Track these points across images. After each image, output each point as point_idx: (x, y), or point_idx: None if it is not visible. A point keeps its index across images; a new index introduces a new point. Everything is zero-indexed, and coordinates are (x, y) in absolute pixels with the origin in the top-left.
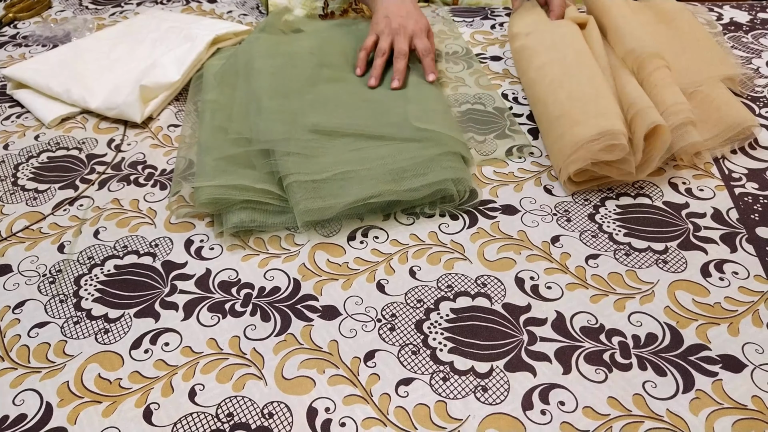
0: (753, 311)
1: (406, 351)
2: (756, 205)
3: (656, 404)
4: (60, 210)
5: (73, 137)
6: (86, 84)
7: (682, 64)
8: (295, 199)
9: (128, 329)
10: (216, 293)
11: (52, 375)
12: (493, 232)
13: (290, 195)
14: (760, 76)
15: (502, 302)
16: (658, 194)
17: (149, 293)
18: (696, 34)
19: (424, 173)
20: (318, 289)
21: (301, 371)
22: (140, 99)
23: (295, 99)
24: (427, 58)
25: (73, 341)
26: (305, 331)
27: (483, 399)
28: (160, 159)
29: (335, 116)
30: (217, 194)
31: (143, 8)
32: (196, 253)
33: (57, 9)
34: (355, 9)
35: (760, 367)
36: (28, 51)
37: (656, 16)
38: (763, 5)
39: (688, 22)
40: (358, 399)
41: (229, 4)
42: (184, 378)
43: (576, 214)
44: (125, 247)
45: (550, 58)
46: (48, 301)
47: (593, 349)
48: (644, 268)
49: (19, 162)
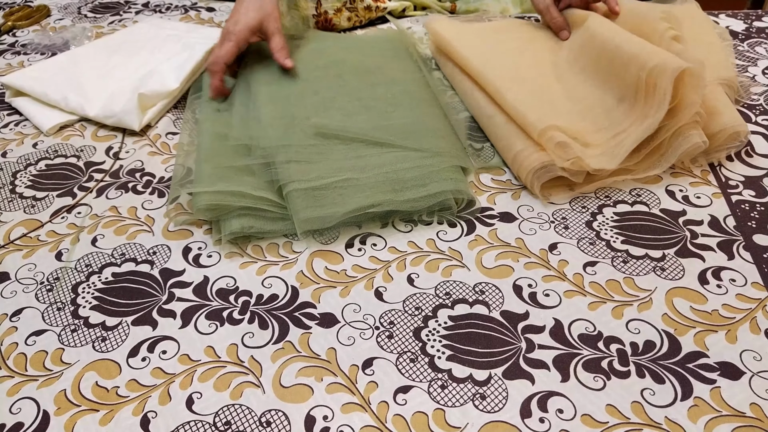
0: (751, 318)
1: (405, 358)
2: (753, 212)
3: (655, 412)
4: (58, 218)
5: (71, 145)
6: (84, 92)
7: None
8: (295, 207)
9: (126, 337)
10: (214, 301)
11: (49, 383)
12: (491, 239)
13: (290, 203)
14: (757, 84)
15: (500, 309)
16: (655, 202)
17: (147, 301)
18: (702, 37)
19: (424, 184)
20: (316, 297)
21: (299, 379)
22: (138, 107)
23: (295, 104)
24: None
25: (71, 349)
26: (303, 338)
27: (481, 407)
28: (158, 166)
29: (336, 120)
30: (215, 200)
31: (142, 17)
32: (194, 261)
33: (56, 17)
34: (350, 8)
35: (758, 374)
36: (26, 59)
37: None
38: (758, 14)
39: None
40: (356, 407)
41: (227, 12)
42: (182, 386)
43: (573, 221)
44: (123, 255)
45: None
46: (45, 309)
47: (591, 357)
48: (642, 275)
49: (17, 169)
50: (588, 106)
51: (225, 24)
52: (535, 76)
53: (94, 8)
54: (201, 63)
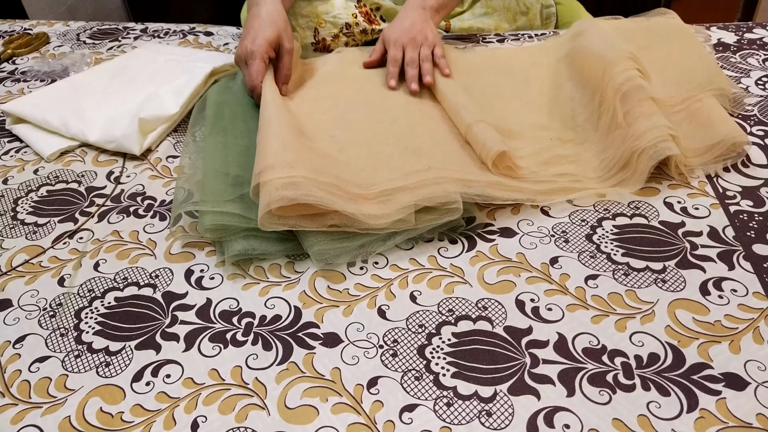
0: (753, 328)
1: (409, 377)
2: (751, 222)
3: (661, 425)
4: (60, 243)
5: (72, 170)
6: (85, 117)
7: (668, 75)
8: (309, 241)
9: (129, 362)
10: (217, 323)
11: (53, 410)
12: (492, 255)
13: (302, 237)
14: (750, 95)
15: (503, 325)
16: (653, 214)
17: (150, 325)
18: (690, 48)
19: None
20: (319, 317)
21: (304, 400)
22: (139, 131)
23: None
24: (426, 63)
25: (74, 375)
26: (307, 359)
27: (488, 424)
28: (159, 190)
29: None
30: (221, 221)
31: (140, 42)
32: (196, 283)
33: (54, 44)
34: (346, 33)
35: (763, 384)
36: (26, 86)
37: (647, 31)
38: (749, 26)
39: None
40: (362, 427)
41: (225, 36)
42: (186, 410)
43: (573, 235)
44: (125, 279)
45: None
46: (48, 335)
47: (596, 371)
48: (644, 287)
49: (18, 196)
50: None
51: (240, 45)
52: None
53: (93, 35)
54: (200, 87)
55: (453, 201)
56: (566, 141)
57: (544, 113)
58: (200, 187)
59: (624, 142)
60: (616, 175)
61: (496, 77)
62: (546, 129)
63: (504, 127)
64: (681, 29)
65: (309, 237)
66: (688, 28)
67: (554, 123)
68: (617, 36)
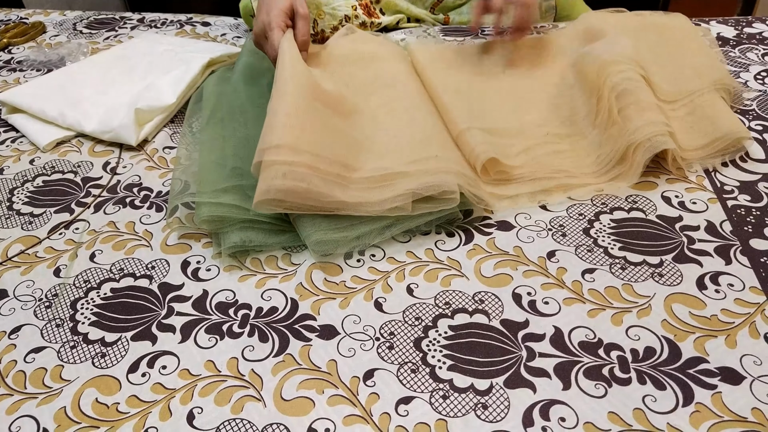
0: (750, 323)
1: (406, 369)
2: (749, 217)
3: (656, 418)
4: (56, 234)
5: (68, 161)
6: (81, 107)
7: (668, 72)
8: (306, 231)
9: (125, 353)
10: (213, 314)
11: (48, 401)
12: (489, 248)
13: (300, 227)
14: (749, 89)
15: (500, 318)
16: (651, 208)
17: (146, 316)
18: (691, 43)
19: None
20: (316, 309)
21: (300, 392)
22: (135, 122)
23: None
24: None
25: (70, 366)
26: (304, 351)
27: (484, 417)
28: (155, 181)
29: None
30: (218, 212)
31: (137, 32)
32: (192, 275)
33: (51, 34)
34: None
35: (759, 378)
36: (22, 76)
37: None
38: (748, 20)
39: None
40: (358, 419)
41: (222, 27)
42: (182, 401)
43: (571, 228)
44: (121, 270)
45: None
46: (44, 326)
47: (592, 364)
48: (640, 281)
49: (14, 186)
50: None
51: (255, 23)
52: (506, 109)
53: (90, 24)
54: (197, 77)
55: (451, 191)
56: (563, 137)
57: (543, 110)
58: (197, 178)
59: (620, 137)
60: (612, 170)
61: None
62: (542, 125)
63: (499, 127)
64: (687, 27)
65: (306, 227)
66: (694, 27)
67: (552, 120)
68: (623, 34)
